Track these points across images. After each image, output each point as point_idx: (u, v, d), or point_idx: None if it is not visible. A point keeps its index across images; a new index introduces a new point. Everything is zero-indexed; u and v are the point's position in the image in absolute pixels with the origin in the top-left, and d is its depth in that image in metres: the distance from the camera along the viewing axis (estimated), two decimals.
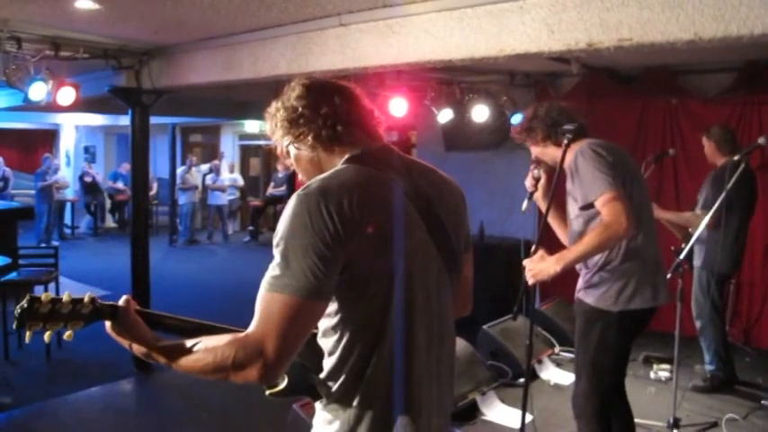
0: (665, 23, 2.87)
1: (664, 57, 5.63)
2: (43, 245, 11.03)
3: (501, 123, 6.68)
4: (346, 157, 1.63)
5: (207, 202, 14.35)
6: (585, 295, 3.10)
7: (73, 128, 16.18)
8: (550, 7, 3.23)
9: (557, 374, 5.32)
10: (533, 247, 2.94)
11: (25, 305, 1.50)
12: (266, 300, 1.44)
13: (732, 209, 4.59)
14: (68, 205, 14.65)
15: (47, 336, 1.57)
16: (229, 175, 14.49)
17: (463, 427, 4.23)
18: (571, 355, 5.68)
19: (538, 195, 3.26)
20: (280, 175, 13.95)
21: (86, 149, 16.70)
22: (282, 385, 1.65)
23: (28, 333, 1.53)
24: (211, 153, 16.37)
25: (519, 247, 7.68)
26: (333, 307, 1.52)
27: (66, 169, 15.53)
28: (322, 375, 1.58)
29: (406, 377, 1.56)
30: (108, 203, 15.86)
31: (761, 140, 4.40)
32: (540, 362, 5.39)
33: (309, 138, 1.65)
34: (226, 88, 5.95)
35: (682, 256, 4.08)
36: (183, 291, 8.68)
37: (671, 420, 4.20)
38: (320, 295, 1.45)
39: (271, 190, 14.29)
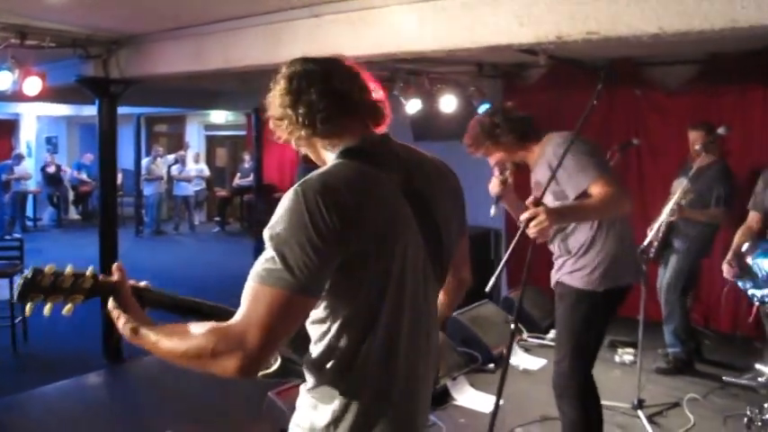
0: (631, 17, 2.96)
1: (629, 49, 5.76)
2: (7, 237, 10.84)
3: (469, 113, 6.75)
4: (342, 148, 1.61)
5: (173, 193, 14.24)
6: (571, 279, 3.19)
7: (34, 118, 15.86)
8: (521, 0, 3.30)
9: (525, 360, 5.44)
10: (532, 201, 2.85)
11: (29, 276, 1.49)
12: (255, 291, 1.42)
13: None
14: (30, 197, 14.39)
15: (47, 309, 1.54)
16: (195, 166, 14.38)
17: (435, 412, 4.31)
18: (539, 341, 5.82)
19: (509, 196, 3.34)
20: (246, 165, 13.89)
21: (48, 140, 16.39)
22: (275, 367, 1.64)
23: (28, 306, 1.52)
24: (177, 143, 16.20)
25: (488, 236, 7.80)
26: (324, 298, 1.51)
27: (27, 160, 15.23)
28: (307, 363, 1.59)
29: (393, 370, 1.58)
30: (71, 195, 15.61)
31: (720, 130, 4.55)
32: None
33: (300, 132, 1.63)
34: (194, 78, 5.91)
35: (646, 243, 4.22)
36: (152, 282, 8.58)
37: (635, 402, 4.35)
38: (312, 291, 1.44)
39: (237, 180, 14.24)
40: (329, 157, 1.65)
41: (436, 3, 3.61)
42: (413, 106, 6.68)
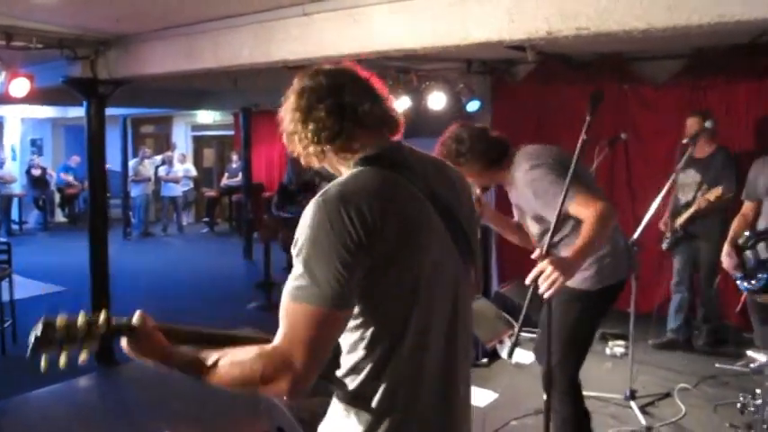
0: (620, 13, 2.99)
1: (617, 44, 5.81)
2: None
3: (458, 110, 6.79)
4: (360, 157, 1.59)
5: (160, 194, 14.17)
6: None
7: (18, 120, 15.73)
8: None
9: (517, 354, 5.45)
10: (539, 255, 2.65)
11: (39, 333, 1.44)
12: (291, 311, 1.42)
13: None
14: (15, 200, 14.29)
15: (62, 361, 1.49)
16: (182, 166, 14.32)
17: None
18: (531, 335, 5.86)
19: (488, 214, 3.36)
20: (234, 165, 13.87)
21: (33, 142, 16.27)
22: None
23: (43, 360, 1.46)
24: (163, 144, 16.14)
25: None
26: (356, 308, 1.49)
27: (11, 163, 15.12)
28: (339, 372, 1.56)
29: (427, 375, 1.56)
30: (57, 197, 15.51)
31: (707, 124, 4.61)
32: (501, 342, 5.53)
33: (311, 148, 1.63)
34: (183, 78, 5.89)
35: (636, 236, 4.28)
36: (141, 285, 8.59)
37: (628, 393, 4.41)
38: (345, 303, 1.43)
39: (225, 180, 14.21)
40: (344, 168, 1.64)
41: (426, 0, 3.63)
42: (401, 104, 6.70)
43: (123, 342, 1.56)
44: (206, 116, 15.19)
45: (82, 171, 14.88)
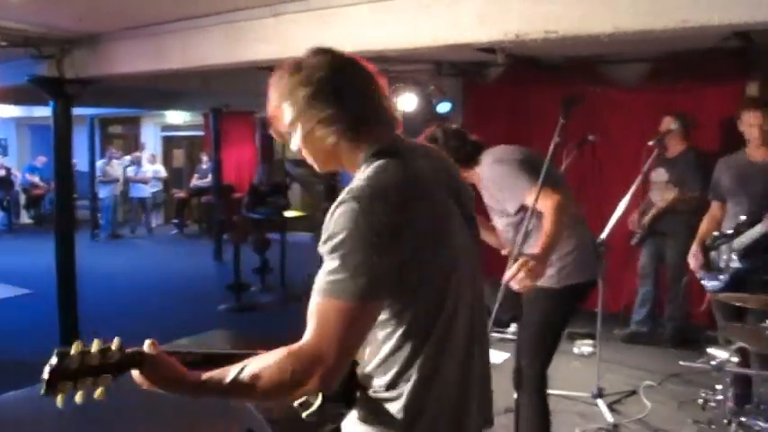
0: (588, 17, 3.05)
1: (586, 47, 5.89)
2: None
3: (428, 112, 6.82)
4: (373, 149, 1.56)
5: (129, 195, 14.02)
6: None
7: None
8: None
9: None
10: (513, 255, 2.87)
11: (54, 363, 1.37)
12: (323, 306, 1.41)
13: None
14: None
15: (78, 397, 1.41)
16: (152, 167, 14.18)
17: None
18: (499, 335, 5.91)
19: None
20: (204, 166, 13.77)
21: None
22: (317, 404, 1.58)
23: (60, 397, 1.39)
24: (132, 145, 15.97)
25: None
26: (388, 301, 1.48)
27: None
28: (367, 370, 1.56)
29: (460, 369, 1.58)
30: (23, 198, 15.26)
31: (672, 126, 4.70)
32: None
33: (333, 125, 1.56)
34: (152, 78, 5.85)
35: (603, 236, 4.35)
36: (110, 287, 8.49)
37: (595, 391, 4.47)
38: (378, 296, 1.43)
39: (195, 181, 14.10)
40: (353, 160, 1.59)
41: (396, 2, 3.65)
42: None
43: (135, 374, 1.49)
44: (176, 116, 15.06)
45: (48, 171, 14.66)
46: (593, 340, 5.22)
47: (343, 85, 1.56)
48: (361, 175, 1.52)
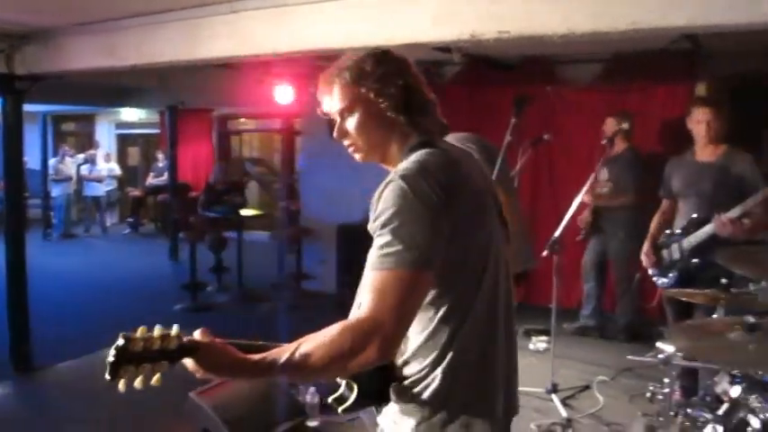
0: (542, 18, 3.11)
1: (540, 47, 5.98)
2: None
3: None
4: (418, 140, 1.66)
5: (83, 194, 13.75)
6: None
7: None
8: None
9: None
10: None
11: (121, 344, 1.39)
12: (380, 279, 1.46)
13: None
14: None
15: (138, 382, 1.41)
16: (106, 165, 13.93)
17: None
18: None
19: None
20: (160, 164, 13.58)
21: None
22: (352, 398, 1.65)
23: (122, 382, 1.40)
24: (86, 142, 15.66)
25: None
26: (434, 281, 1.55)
27: None
28: (405, 357, 1.60)
29: (493, 350, 1.64)
30: None
31: (623, 125, 4.80)
32: None
33: (394, 113, 1.66)
34: (107, 74, 5.74)
35: (558, 233, 4.43)
36: (62, 287, 8.32)
37: (549, 386, 4.55)
38: (431, 265, 1.48)
39: (151, 180, 13.89)
40: (398, 151, 1.69)
41: (353, 0, 3.66)
42: None
43: (188, 362, 1.49)
44: (131, 114, 14.82)
45: None
46: (548, 336, 5.31)
47: (403, 79, 1.67)
48: (409, 159, 1.60)
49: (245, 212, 8.92)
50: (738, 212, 3.63)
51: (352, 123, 1.71)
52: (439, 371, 1.58)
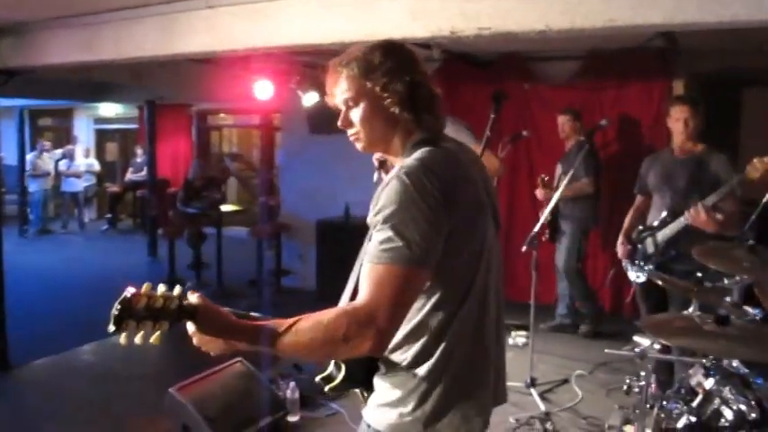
0: (519, 14, 3.13)
1: (518, 44, 6.02)
2: None
3: None
4: (421, 136, 1.68)
5: (60, 189, 13.60)
6: None
7: None
8: None
9: None
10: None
11: (127, 297, 1.44)
12: (378, 271, 1.48)
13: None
14: None
15: (139, 338, 1.46)
16: (85, 161, 13.78)
17: (337, 400, 4.38)
18: None
19: (387, 165, 3.45)
20: (139, 159, 13.45)
21: None
22: (340, 377, 1.70)
23: (123, 335, 1.44)
24: (64, 138, 15.49)
25: None
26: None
27: None
28: (396, 340, 1.61)
29: (483, 343, 1.67)
30: None
31: (603, 122, 4.85)
32: None
33: (399, 106, 1.67)
34: (84, 69, 5.69)
35: (536, 229, 4.46)
36: (39, 284, 8.23)
37: (528, 380, 4.59)
38: (429, 263, 1.52)
39: (129, 175, 13.76)
40: (402, 143, 1.72)
41: None
42: (310, 99, 6.68)
43: (189, 326, 1.53)
44: (109, 109, 14.68)
45: None
46: (527, 331, 5.35)
47: (410, 74, 1.68)
48: (411, 156, 1.62)
49: (223, 208, 8.88)
50: (712, 201, 3.69)
51: (356, 115, 1.72)
52: (425, 361, 1.61)
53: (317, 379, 1.76)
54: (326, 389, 1.74)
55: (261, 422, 3.89)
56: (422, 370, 1.61)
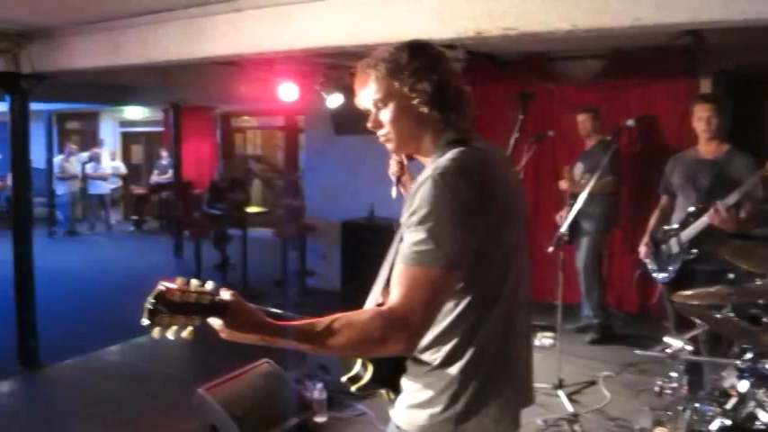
0: (546, 14, 3.11)
1: (541, 44, 5.98)
2: None
3: None
4: (453, 136, 1.67)
5: (87, 192, 13.77)
6: None
7: None
8: None
9: None
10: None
11: (161, 290, 1.42)
12: (411, 273, 1.48)
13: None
14: None
15: (171, 332, 1.44)
16: (111, 163, 13.95)
17: (364, 401, 4.38)
18: None
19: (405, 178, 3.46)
20: (164, 162, 13.59)
21: None
22: (367, 377, 1.69)
23: (157, 330, 1.42)
24: (90, 140, 15.69)
25: None
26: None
27: None
28: (424, 342, 1.61)
29: (510, 347, 1.67)
30: None
31: (629, 122, 4.80)
32: None
33: (428, 106, 1.66)
34: (110, 73, 5.75)
35: (563, 229, 4.44)
36: (67, 285, 8.35)
37: (556, 381, 4.55)
38: (462, 265, 1.52)
39: (155, 177, 13.90)
40: (432, 144, 1.71)
41: None
42: (334, 100, 6.70)
43: (217, 322, 1.50)
44: (134, 112, 14.84)
45: (2, 169, 14.29)
46: (553, 332, 5.31)
47: (437, 74, 1.66)
48: (444, 156, 1.61)
49: (248, 209, 8.93)
50: (733, 200, 3.67)
51: (386, 115, 1.72)
52: (456, 362, 1.61)
53: (344, 379, 1.76)
54: (353, 389, 1.73)
55: (288, 422, 3.90)
56: (453, 370, 1.61)
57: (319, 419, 4.20)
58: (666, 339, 3.18)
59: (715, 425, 2.65)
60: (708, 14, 2.82)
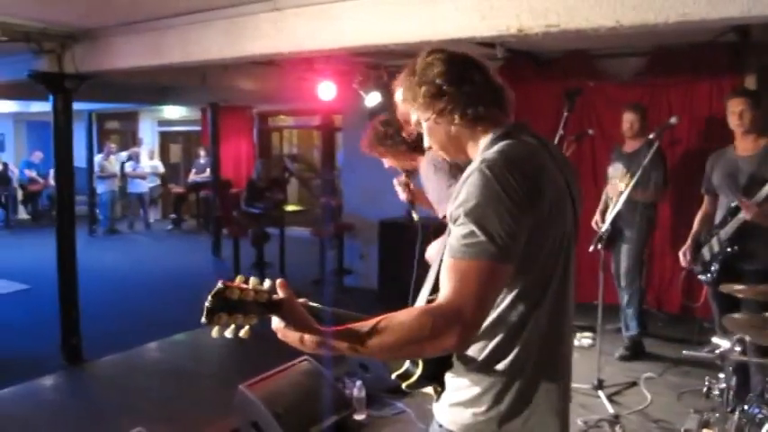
0: (589, 11, 3.07)
1: (582, 41, 5.90)
2: None
3: None
4: (499, 132, 1.66)
5: (127, 191, 14.00)
6: None
7: None
8: None
9: None
10: None
11: (220, 288, 1.42)
12: (461, 267, 1.46)
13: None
14: None
15: (229, 331, 1.44)
16: (149, 162, 14.17)
17: (403, 399, 4.38)
18: None
19: (420, 198, 3.45)
20: (202, 161, 13.74)
21: None
22: (417, 374, 1.67)
23: (216, 329, 1.43)
24: (129, 140, 15.95)
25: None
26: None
27: None
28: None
29: (557, 342, 1.65)
30: (20, 194, 15.22)
31: (672, 120, 4.72)
32: None
33: (452, 115, 1.66)
34: (150, 73, 5.84)
35: (604, 229, 4.39)
36: (108, 282, 8.49)
37: (596, 382, 4.50)
38: (513, 258, 1.48)
39: (193, 176, 14.07)
40: (475, 146, 1.70)
41: None
42: (372, 99, 6.71)
43: (275, 320, 1.52)
44: (172, 111, 15.04)
45: (45, 167, 14.63)
46: (593, 333, 5.25)
47: (470, 78, 1.67)
48: (491, 150, 1.59)
49: (286, 208, 8.99)
50: (764, 195, 3.64)
51: (425, 130, 1.74)
52: (503, 358, 1.58)
53: (394, 376, 1.74)
54: (404, 386, 1.71)
55: (327, 420, 3.92)
56: (499, 366, 1.58)
57: (359, 417, 4.21)
58: (715, 340, 3.12)
59: (766, 428, 2.60)
60: (760, 8, 2.74)
